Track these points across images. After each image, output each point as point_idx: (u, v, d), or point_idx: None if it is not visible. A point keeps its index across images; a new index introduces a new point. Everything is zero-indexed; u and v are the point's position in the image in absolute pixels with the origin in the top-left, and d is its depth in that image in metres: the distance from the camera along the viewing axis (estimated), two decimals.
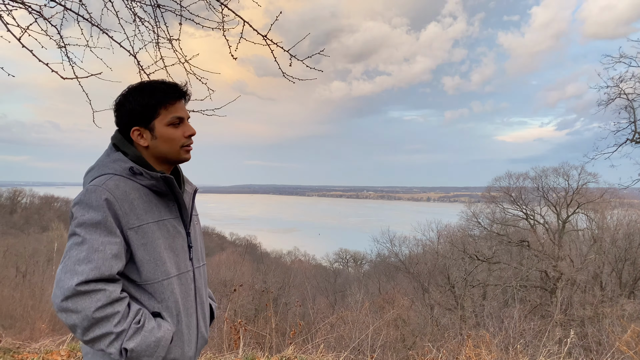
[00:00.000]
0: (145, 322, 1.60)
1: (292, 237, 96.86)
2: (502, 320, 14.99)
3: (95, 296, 1.52)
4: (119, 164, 1.72)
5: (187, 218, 1.84)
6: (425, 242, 35.36)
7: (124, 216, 1.62)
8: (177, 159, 1.81)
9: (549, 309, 22.33)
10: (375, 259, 44.57)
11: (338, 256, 55.66)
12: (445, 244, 31.39)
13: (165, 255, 1.70)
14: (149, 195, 1.71)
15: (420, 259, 32.27)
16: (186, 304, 1.76)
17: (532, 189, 30.33)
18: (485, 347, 6.91)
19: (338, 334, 9.90)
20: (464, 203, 37.94)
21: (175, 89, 1.77)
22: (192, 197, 1.94)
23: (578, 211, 27.96)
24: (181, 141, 1.78)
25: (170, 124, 1.75)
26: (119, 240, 1.60)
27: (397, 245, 36.75)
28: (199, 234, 1.97)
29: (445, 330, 17.81)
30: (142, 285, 1.67)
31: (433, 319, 21.57)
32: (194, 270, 1.84)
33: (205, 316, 1.90)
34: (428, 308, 23.99)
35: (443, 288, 26.82)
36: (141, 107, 1.73)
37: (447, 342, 11.50)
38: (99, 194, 1.60)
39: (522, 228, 29.79)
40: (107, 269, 1.54)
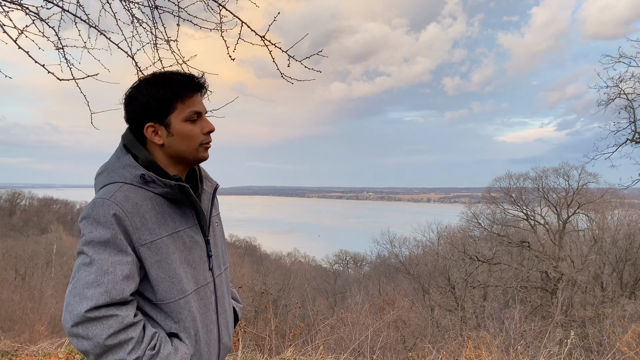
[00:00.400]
0: (161, 347, 1.49)
1: (292, 238, 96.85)
2: (503, 321, 14.97)
3: (107, 322, 1.41)
4: (129, 170, 1.56)
5: (205, 224, 1.70)
6: (426, 243, 35.38)
7: (135, 232, 1.48)
8: (194, 158, 1.64)
9: (549, 310, 22.30)
10: (375, 260, 44.54)
11: (338, 257, 55.65)
12: (446, 245, 31.37)
13: (182, 271, 1.57)
14: (162, 204, 1.57)
15: (420, 260, 32.24)
16: (205, 320, 1.65)
17: (533, 190, 30.32)
18: (485, 349, 6.89)
19: (338, 335, 9.88)
20: (464, 204, 37.91)
21: (192, 81, 1.61)
22: (211, 196, 1.80)
23: (578, 211, 27.94)
24: (200, 138, 1.62)
25: (188, 119, 1.59)
26: (130, 259, 1.47)
27: (397, 246, 36.74)
28: (219, 237, 1.83)
29: (445, 331, 17.79)
30: (157, 304, 1.55)
31: (433, 320, 21.54)
32: (215, 280, 1.73)
33: (228, 325, 1.79)
34: (428, 309, 23.96)
35: (443, 289, 26.79)
36: (156, 101, 1.56)
37: (447, 343, 11.48)
38: (107, 208, 1.46)
39: (523, 229, 29.77)
40: (118, 293, 1.43)
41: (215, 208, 1.85)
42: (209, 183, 1.83)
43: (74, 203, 76.54)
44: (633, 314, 18.23)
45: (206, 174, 1.85)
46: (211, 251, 1.71)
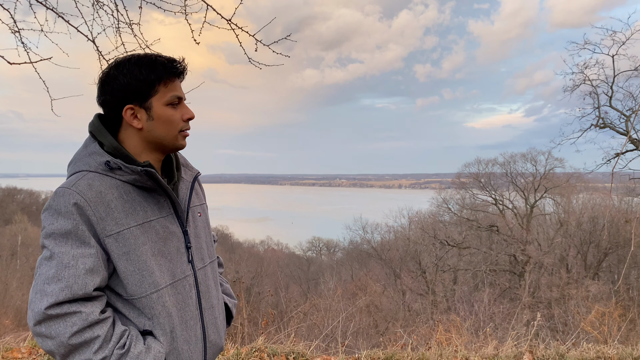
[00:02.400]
0: (132, 345, 1.39)
1: (265, 226, 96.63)
2: (473, 304, 15.30)
3: (70, 320, 1.32)
4: (93, 157, 1.47)
5: (182, 214, 1.60)
6: (397, 228, 35.82)
7: (99, 222, 1.39)
8: (172, 145, 1.55)
9: (517, 292, 22.90)
10: (347, 246, 44.87)
11: (311, 244, 55.82)
12: (417, 230, 31.79)
13: (154, 263, 1.46)
14: (131, 193, 1.47)
15: (392, 246, 32.63)
16: (184, 315, 1.53)
17: (501, 175, 30.93)
18: (455, 331, 7.01)
19: (311, 322, 9.92)
20: (435, 189, 38.42)
21: (175, 64, 1.52)
22: (190, 185, 1.69)
23: (545, 196, 28.66)
24: (180, 124, 1.53)
25: (169, 103, 1.51)
26: (93, 251, 1.38)
27: (369, 232, 37.10)
28: (202, 228, 1.71)
29: (417, 315, 18.09)
30: (129, 300, 1.45)
31: (405, 305, 21.86)
32: (196, 274, 1.61)
33: (216, 321, 1.68)
34: (400, 294, 24.31)
35: (414, 274, 27.20)
36: (138, 82, 1.47)
37: (418, 327, 11.66)
38: (67, 197, 1.37)
39: (491, 213, 30.39)
40: (80, 288, 1.34)
41: (199, 198, 1.77)
42: (189, 171, 1.73)
43: (39, 193, 74.40)
44: (596, 295, 18.88)
45: (186, 162, 1.76)
46: (190, 242, 1.61)
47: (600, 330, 7.18)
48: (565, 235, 25.41)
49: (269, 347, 3.68)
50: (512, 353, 3.93)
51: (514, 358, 3.85)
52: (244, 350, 3.63)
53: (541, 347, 4.06)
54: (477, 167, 31.55)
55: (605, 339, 5.64)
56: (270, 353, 3.62)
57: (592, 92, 16.22)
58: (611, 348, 4.27)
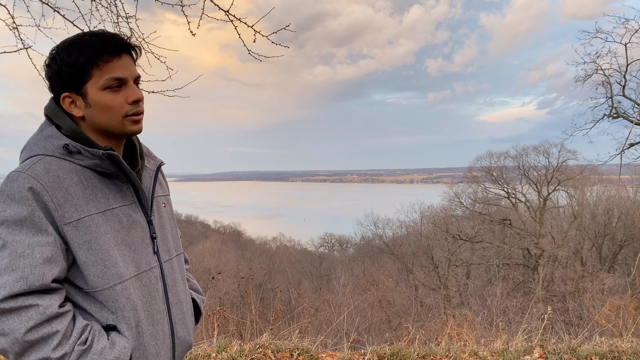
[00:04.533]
0: (94, 341, 1.29)
1: (277, 223, 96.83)
2: (485, 299, 15.16)
3: (26, 314, 1.21)
4: (50, 141, 1.36)
5: (147, 202, 1.51)
6: (409, 223, 35.67)
7: (57, 209, 1.28)
8: (121, 132, 1.42)
9: (531, 286, 22.66)
10: (359, 242, 44.80)
11: (323, 240, 55.83)
12: (429, 225, 31.62)
13: (117, 253, 1.37)
14: (92, 178, 1.37)
15: (404, 241, 32.49)
16: (150, 309, 1.44)
17: (513, 168, 30.60)
18: (467, 326, 6.92)
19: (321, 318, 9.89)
20: (447, 184, 38.15)
21: (110, 42, 1.36)
22: (154, 174, 1.59)
23: (558, 188, 28.31)
24: (124, 109, 1.39)
25: (106, 87, 1.36)
26: (51, 239, 1.27)
27: (381, 227, 36.99)
28: (167, 219, 1.62)
29: (429, 310, 17.98)
30: (90, 293, 1.34)
31: (417, 300, 21.75)
32: (162, 266, 1.52)
33: (184, 317, 1.59)
34: (412, 289, 24.18)
35: (427, 268, 27.06)
36: (68, 68, 1.35)
37: (430, 322, 11.57)
38: (22, 182, 1.26)
39: (504, 207, 30.10)
40: (36, 279, 1.23)
41: (163, 188, 1.68)
42: (152, 160, 1.64)
43: None
44: (612, 288, 18.62)
45: (149, 151, 1.66)
46: (155, 233, 1.51)
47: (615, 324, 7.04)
48: (579, 228, 25.08)
49: (274, 343, 3.64)
50: (522, 347, 3.85)
51: (524, 352, 3.77)
52: (248, 346, 3.59)
53: (552, 341, 3.97)
54: (489, 161, 31.27)
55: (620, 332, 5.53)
56: (275, 349, 3.57)
57: (605, 81, 15.93)
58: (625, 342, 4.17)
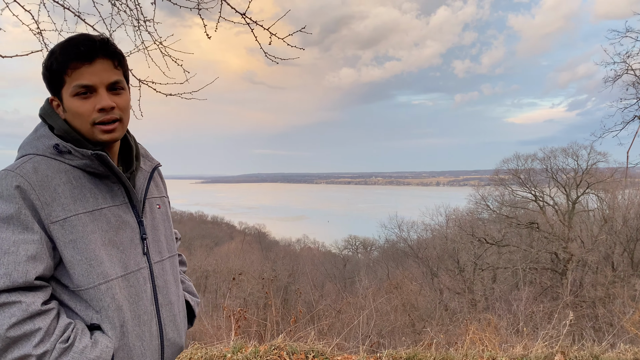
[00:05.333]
0: (76, 340, 1.29)
1: (301, 224, 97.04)
2: (511, 303, 14.89)
3: (9, 310, 1.23)
4: (42, 141, 1.39)
5: (138, 203, 1.51)
6: (434, 226, 35.33)
7: (44, 207, 1.30)
8: (93, 139, 1.41)
9: (559, 291, 22.17)
10: (384, 245, 44.56)
11: (347, 243, 55.70)
12: (454, 228, 31.25)
13: (104, 252, 1.37)
14: (81, 178, 1.38)
15: (428, 244, 32.21)
16: (137, 310, 1.44)
17: (541, 171, 29.98)
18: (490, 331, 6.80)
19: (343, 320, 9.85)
20: (474, 186, 37.64)
21: (75, 48, 1.34)
22: (148, 175, 1.60)
23: (588, 191, 27.62)
24: (91, 117, 1.38)
25: (74, 94, 1.36)
26: (37, 237, 1.29)
27: (406, 230, 36.71)
28: (161, 220, 1.63)
29: (453, 314, 17.76)
30: (75, 292, 1.35)
31: (442, 304, 21.50)
32: (152, 267, 1.52)
33: (175, 319, 1.58)
34: (437, 292, 23.93)
35: (452, 272, 26.75)
36: (47, 72, 1.39)
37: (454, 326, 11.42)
38: (10, 180, 1.29)
39: (532, 210, 29.53)
40: (20, 275, 1.25)
41: (159, 190, 1.69)
42: (148, 162, 1.65)
43: None
44: None
45: (146, 152, 1.68)
46: (146, 233, 1.52)
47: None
48: (610, 232, 24.41)
49: (289, 345, 3.63)
50: (543, 354, 3.75)
51: (544, 358, 3.67)
52: (263, 348, 3.60)
53: (574, 347, 3.86)
54: (516, 163, 30.71)
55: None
56: (290, 351, 3.57)
57: (635, 82, 15.46)
58: None
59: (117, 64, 1.42)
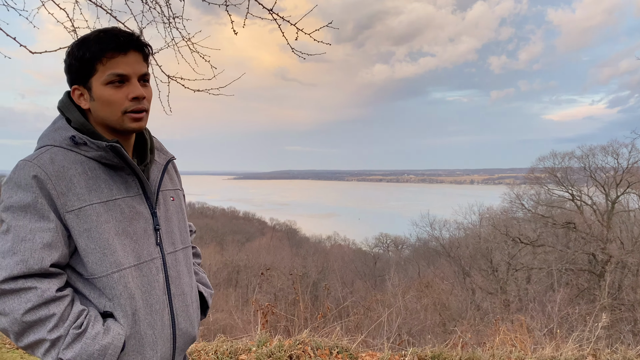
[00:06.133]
0: (89, 326, 1.33)
1: (332, 221, 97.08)
2: (545, 305, 14.55)
3: (25, 296, 1.28)
4: (59, 132, 1.44)
5: (152, 195, 1.54)
6: (467, 225, 34.86)
7: (59, 197, 1.34)
8: (121, 127, 1.46)
9: (596, 293, 21.54)
10: (415, 243, 44.18)
11: (378, 240, 55.42)
12: (488, 227, 30.73)
13: (117, 242, 1.41)
14: (96, 169, 1.43)
15: (461, 243, 31.78)
16: (149, 299, 1.46)
17: (579, 169, 29.13)
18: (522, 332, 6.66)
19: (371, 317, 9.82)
20: (509, 185, 36.91)
21: (114, 39, 1.40)
22: (162, 168, 1.63)
23: (628, 191, 26.69)
24: (123, 105, 1.42)
25: (108, 82, 1.40)
26: (52, 226, 1.33)
27: (438, 229, 36.30)
28: (175, 213, 1.65)
29: (485, 314, 17.47)
30: (89, 279, 1.40)
31: (474, 303, 21.18)
32: (165, 257, 1.54)
33: (187, 309, 1.61)
34: (469, 292, 23.60)
35: (485, 272, 26.33)
36: (77, 62, 1.42)
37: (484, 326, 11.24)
38: (28, 170, 1.34)
39: (569, 210, 28.75)
40: (36, 262, 1.30)
41: (173, 183, 1.71)
42: (163, 155, 1.68)
43: None
44: None
45: (161, 145, 1.71)
46: (159, 224, 1.55)
47: None
48: None
49: (313, 340, 3.64)
50: (573, 356, 3.64)
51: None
52: (287, 342, 3.62)
53: (607, 350, 3.73)
54: (553, 161, 29.93)
55: None
56: (314, 346, 3.58)
57: None
58: None
59: (146, 58, 1.48)
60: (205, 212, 78.82)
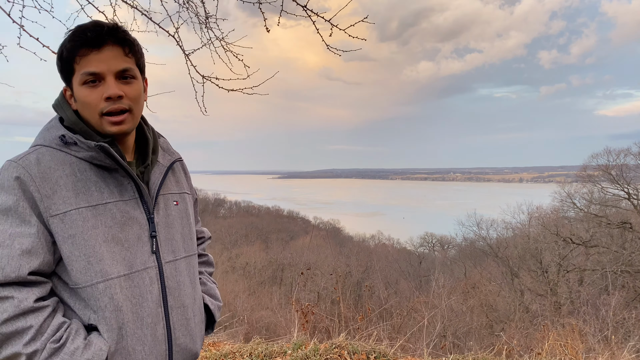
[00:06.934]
0: (68, 340, 1.23)
1: (376, 220, 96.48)
2: (599, 308, 13.91)
3: (1, 306, 1.19)
4: (50, 132, 1.36)
5: (149, 199, 1.43)
6: (515, 225, 33.92)
7: (43, 199, 1.26)
8: (102, 131, 1.35)
9: None
10: (461, 243, 43.34)
11: (423, 240, 54.71)
12: (537, 227, 29.76)
13: (105, 249, 1.30)
14: (87, 171, 1.33)
15: (509, 243, 30.94)
16: (140, 312, 1.34)
17: (635, 166, 27.78)
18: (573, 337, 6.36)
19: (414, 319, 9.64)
20: (559, 183, 35.63)
21: (81, 35, 1.29)
22: (165, 170, 1.52)
23: None
24: (99, 106, 1.31)
25: (83, 82, 1.31)
26: (34, 231, 1.25)
27: (485, 228, 35.51)
28: (177, 218, 1.52)
29: (534, 317, 16.88)
30: (74, 289, 1.30)
31: (522, 306, 20.53)
32: (162, 266, 1.42)
33: (188, 323, 1.48)
34: (517, 294, 22.88)
35: (535, 273, 25.50)
36: (59, 62, 1.34)
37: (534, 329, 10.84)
38: (11, 171, 1.26)
39: (624, 209, 27.45)
40: (13, 270, 1.21)
41: (179, 186, 1.60)
42: (168, 156, 1.57)
43: None
44: None
45: (166, 146, 1.60)
46: (156, 231, 1.42)
47: None
48: None
49: (350, 344, 3.56)
50: None
51: None
52: (324, 346, 3.54)
53: None
54: (607, 159, 28.62)
55: None
56: (351, 351, 3.49)
57: None
58: None
59: (128, 52, 1.36)
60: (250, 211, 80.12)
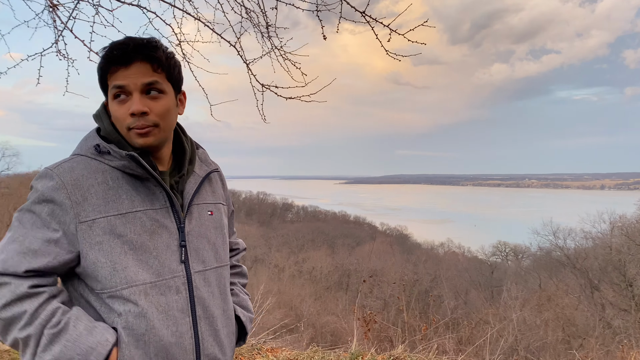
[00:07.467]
0: (70, 325, 1.26)
1: (445, 228, 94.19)
2: None
3: (1, 291, 1.26)
4: (87, 141, 1.42)
5: (180, 208, 1.45)
6: (596, 234, 31.99)
7: (73, 207, 1.30)
8: (131, 143, 1.39)
9: None
10: (536, 253, 41.37)
11: (496, 249, 52.61)
12: (620, 237, 27.90)
13: (131, 257, 1.33)
14: (119, 179, 1.37)
15: (589, 253, 29.22)
16: (166, 321, 1.35)
17: None
18: None
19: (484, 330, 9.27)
20: None
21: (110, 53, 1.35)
22: (200, 180, 1.54)
23: None
24: (126, 121, 1.35)
25: (114, 97, 1.36)
26: (49, 235, 1.29)
27: (562, 238, 33.76)
28: (211, 228, 1.54)
29: (616, 334, 15.76)
30: (99, 294, 1.33)
31: (603, 321, 19.25)
32: (191, 276, 1.43)
33: (217, 334, 1.48)
34: (598, 308, 21.50)
35: (618, 286, 23.91)
36: (98, 74, 1.40)
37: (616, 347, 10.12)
38: (47, 178, 1.33)
39: None
40: (12, 265, 1.27)
41: (215, 196, 1.62)
42: (205, 167, 1.59)
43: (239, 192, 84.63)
44: None
45: (205, 157, 1.63)
46: (185, 240, 1.44)
47: None
48: None
49: (409, 356, 3.45)
50: None
51: None
52: (381, 357, 3.46)
53: None
54: None
55: None
56: None
57: None
58: None
59: (157, 67, 1.38)
60: (317, 216, 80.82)
